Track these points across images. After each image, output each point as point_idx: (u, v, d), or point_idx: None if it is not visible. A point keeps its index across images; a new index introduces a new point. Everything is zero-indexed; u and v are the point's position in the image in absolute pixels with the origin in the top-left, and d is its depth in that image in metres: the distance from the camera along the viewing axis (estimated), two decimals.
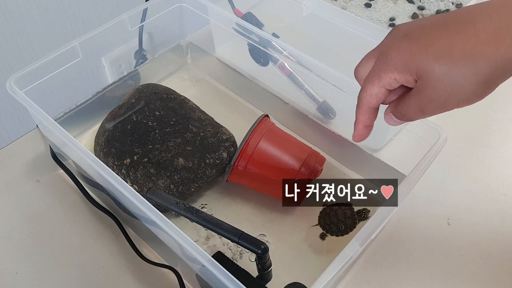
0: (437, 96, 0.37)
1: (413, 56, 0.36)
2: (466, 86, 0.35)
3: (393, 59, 0.38)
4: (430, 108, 0.38)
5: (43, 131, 0.69)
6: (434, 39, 0.36)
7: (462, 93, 0.36)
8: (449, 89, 0.36)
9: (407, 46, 0.37)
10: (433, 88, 0.36)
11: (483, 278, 0.58)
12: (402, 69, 0.37)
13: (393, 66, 0.38)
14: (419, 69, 0.36)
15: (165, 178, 0.60)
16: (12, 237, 0.62)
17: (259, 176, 0.60)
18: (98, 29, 0.64)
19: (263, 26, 0.74)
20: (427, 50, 0.36)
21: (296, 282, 0.49)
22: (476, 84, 0.35)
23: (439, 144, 0.54)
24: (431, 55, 0.36)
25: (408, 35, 0.38)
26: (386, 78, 0.39)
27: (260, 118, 0.62)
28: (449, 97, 0.36)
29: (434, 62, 0.35)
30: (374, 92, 0.40)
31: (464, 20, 0.36)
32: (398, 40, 0.38)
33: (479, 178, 0.68)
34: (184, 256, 0.50)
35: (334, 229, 0.59)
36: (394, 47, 0.38)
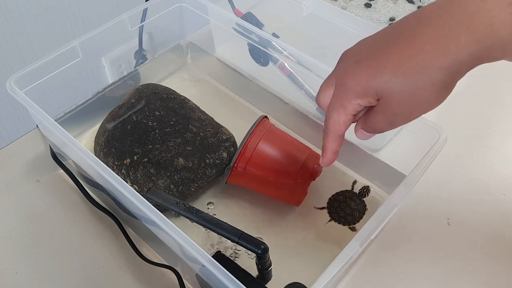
0: (401, 110, 0.38)
1: (369, 81, 0.38)
2: (426, 96, 0.37)
3: (352, 87, 0.39)
4: (397, 121, 0.40)
5: (43, 131, 0.69)
6: (384, 60, 0.37)
7: (424, 102, 0.38)
8: (411, 102, 0.37)
9: (361, 72, 0.38)
10: (396, 104, 0.38)
11: (483, 278, 0.58)
12: (363, 94, 0.39)
13: (353, 94, 0.39)
14: (379, 91, 0.38)
15: (165, 178, 0.60)
16: (12, 237, 0.62)
17: (258, 177, 0.60)
18: (98, 29, 0.64)
19: (263, 26, 0.74)
20: (381, 72, 0.37)
21: (296, 282, 0.49)
22: (435, 93, 0.37)
23: (439, 144, 0.54)
24: (386, 76, 0.37)
25: (358, 61, 0.39)
26: (350, 105, 0.40)
27: (259, 119, 0.62)
28: (412, 108, 0.38)
29: (390, 82, 0.37)
30: (342, 120, 0.42)
31: (409, 34, 0.37)
32: (351, 67, 0.39)
33: (479, 178, 0.68)
34: (184, 256, 0.50)
35: (350, 219, 0.60)
36: (349, 76, 0.39)
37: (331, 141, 0.44)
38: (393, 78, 0.37)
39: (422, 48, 0.36)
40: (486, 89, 0.81)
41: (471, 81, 0.81)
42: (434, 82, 0.36)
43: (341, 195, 0.61)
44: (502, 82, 0.81)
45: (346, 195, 0.61)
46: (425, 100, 0.37)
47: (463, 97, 0.79)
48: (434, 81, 0.36)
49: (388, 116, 0.39)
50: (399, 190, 0.50)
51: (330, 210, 0.61)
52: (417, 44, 0.36)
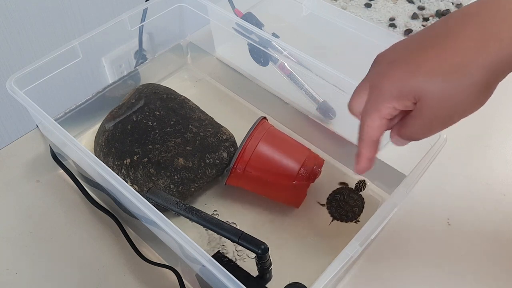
0: (440, 113, 0.36)
1: (406, 82, 0.36)
2: (466, 98, 0.35)
3: (387, 88, 0.37)
4: (437, 125, 0.38)
5: (43, 131, 0.69)
6: (422, 60, 0.35)
7: (464, 104, 0.36)
8: (450, 104, 0.35)
9: (397, 73, 0.36)
10: (434, 107, 0.36)
11: (483, 278, 0.58)
12: (399, 96, 0.37)
13: (389, 96, 0.37)
14: (416, 93, 0.36)
15: (165, 178, 0.60)
16: (12, 237, 0.62)
17: (258, 179, 0.60)
18: (98, 29, 0.64)
19: (263, 26, 0.74)
20: (418, 72, 0.35)
21: (296, 282, 0.49)
22: (475, 93, 0.35)
23: (439, 144, 0.54)
24: (424, 77, 0.35)
25: (394, 61, 0.37)
26: (385, 109, 0.38)
27: (258, 120, 0.62)
28: (452, 111, 0.36)
29: (428, 83, 0.35)
30: (376, 125, 0.40)
31: (445, 33, 0.35)
32: (385, 68, 0.37)
33: (479, 178, 0.68)
34: (184, 256, 0.50)
35: (351, 215, 0.61)
36: (384, 77, 0.37)
37: (365, 147, 0.42)
38: (431, 79, 0.35)
39: (461, 47, 0.34)
40: None
41: None
42: (474, 82, 0.34)
43: (338, 193, 0.61)
44: (502, 82, 0.81)
45: (344, 193, 0.61)
46: (465, 102, 0.35)
47: None
48: (474, 81, 0.34)
49: (426, 120, 0.37)
50: (399, 190, 0.50)
51: (331, 210, 0.61)
52: (457, 43, 0.34)
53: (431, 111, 0.36)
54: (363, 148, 0.42)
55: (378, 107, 0.38)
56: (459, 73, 0.34)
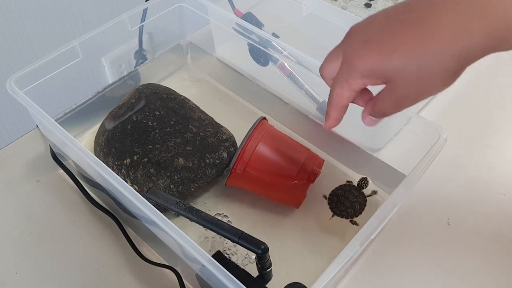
0: (411, 92, 0.38)
1: (378, 63, 0.37)
2: (435, 81, 0.37)
3: (359, 66, 0.39)
4: (405, 103, 0.40)
5: (43, 131, 0.69)
6: (397, 43, 0.37)
7: (433, 87, 0.38)
8: (420, 86, 0.38)
9: (370, 53, 0.38)
10: (405, 88, 0.38)
11: (483, 278, 0.58)
12: (370, 75, 0.39)
13: (360, 73, 0.39)
14: (387, 74, 0.38)
15: (165, 178, 0.60)
16: (12, 237, 0.62)
17: (257, 180, 0.60)
18: (98, 29, 0.64)
19: (263, 26, 0.74)
20: (391, 56, 0.37)
21: (296, 282, 0.49)
22: (445, 78, 0.37)
23: (439, 144, 0.54)
24: (398, 61, 0.37)
25: (369, 41, 0.38)
26: (355, 84, 0.40)
27: (258, 121, 0.62)
28: (421, 92, 0.38)
29: (402, 67, 0.37)
30: (345, 96, 0.42)
31: (422, 18, 0.36)
32: (360, 46, 0.39)
33: (479, 178, 0.68)
34: (184, 256, 0.50)
35: (351, 212, 0.61)
36: (357, 55, 0.39)
37: (333, 111, 0.45)
38: (405, 63, 0.36)
39: (435, 35, 0.35)
40: (486, 89, 0.81)
41: (471, 81, 0.81)
42: (445, 68, 0.36)
43: (340, 189, 0.62)
44: (502, 82, 0.81)
45: (345, 189, 0.61)
46: (434, 84, 0.38)
47: (463, 97, 0.79)
48: (445, 68, 0.36)
49: (397, 98, 0.39)
50: (399, 190, 0.50)
51: (331, 205, 0.61)
52: (431, 31, 0.35)
53: (402, 91, 0.38)
54: (332, 111, 0.45)
55: (349, 81, 0.40)
56: (433, 60, 0.36)
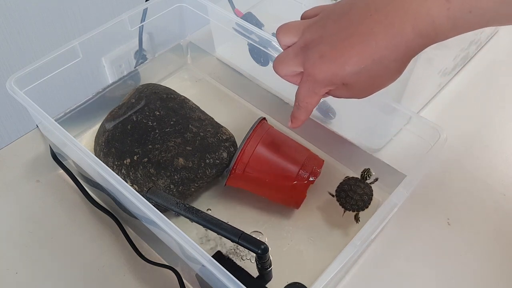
0: (363, 91, 0.46)
1: (335, 75, 0.44)
2: (383, 80, 0.44)
3: (321, 79, 0.45)
4: (361, 96, 0.46)
5: (43, 131, 0.69)
6: (346, 57, 0.43)
7: (382, 84, 0.45)
8: (371, 85, 0.45)
9: (326, 67, 0.44)
10: (360, 87, 0.45)
11: (483, 278, 0.58)
12: (330, 84, 0.45)
13: (322, 84, 0.45)
14: (345, 81, 0.44)
15: (165, 178, 0.60)
16: (12, 237, 0.62)
17: (257, 180, 0.60)
18: (98, 29, 0.64)
19: (263, 26, 0.74)
20: (344, 68, 0.43)
21: (296, 282, 0.49)
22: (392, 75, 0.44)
23: (439, 144, 0.54)
24: (350, 71, 0.43)
25: (323, 56, 0.44)
26: (321, 91, 0.47)
27: (257, 121, 0.62)
28: (372, 89, 0.45)
29: (355, 75, 0.43)
30: (315, 102, 0.49)
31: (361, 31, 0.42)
32: (317, 62, 0.45)
33: (479, 178, 0.68)
34: (184, 256, 0.50)
35: (361, 204, 0.60)
36: (317, 70, 0.45)
37: (303, 114, 0.50)
38: (357, 72, 0.43)
39: (377, 47, 0.41)
40: (486, 89, 0.81)
41: (471, 81, 0.81)
42: (390, 70, 0.43)
43: (345, 184, 0.61)
44: (502, 82, 0.81)
45: (350, 183, 0.61)
46: (382, 83, 0.45)
47: (463, 97, 0.79)
48: (390, 70, 0.43)
49: (354, 94, 0.46)
50: (399, 190, 0.50)
51: (341, 201, 0.61)
52: (374, 43, 0.41)
53: (357, 90, 0.45)
54: (302, 116, 0.51)
55: (315, 91, 0.47)
56: (378, 67, 0.42)
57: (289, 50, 0.49)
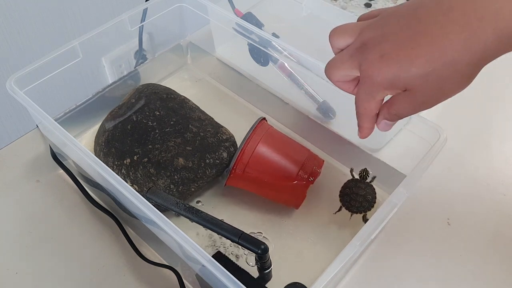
0: (429, 99, 0.40)
1: (398, 76, 0.39)
2: (453, 87, 0.40)
3: (380, 81, 0.40)
4: (423, 108, 0.42)
5: (43, 131, 0.69)
6: (413, 57, 0.38)
7: (450, 92, 0.40)
8: (438, 92, 0.40)
9: (388, 68, 0.39)
10: (424, 95, 0.40)
11: (483, 278, 0.58)
12: (391, 87, 0.41)
13: (382, 87, 0.41)
14: (407, 83, 0.39)
15: (165, 178, 0.60)
16: (12, 237, 0.62)
17: (257, 180, 0.60)
18: (98, 29, 0.64)
19: (263, 26, 0.74)
20: (410, 69, 0.38)
21: (296, 282, 0.49)
22: (461, 83, 0.39)
23: (439, 144, 0.54)
24: (416, 73, 0.38)
25: (384, 56, 0.40)
26: (379, 95, 0.42)
27: (257, 121, 0.62)
28: (439, 97, 0.40)
29: (419, 78, 0.38)
30: (373, 107, 0.44)
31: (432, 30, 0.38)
32: (376, 61, 0.40)
33: (479, 178, 0.68)
34: (184, 256, 0.50)
35: (367, 205, 0.60)
36: (376, 70, 0.40)
37: (366, 122, 0.46)
38: (422, 76, 0.38)
39: (450, 48, 0.37)
40: (486, 89, 0.81)
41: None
42: (462, 76, 0.38)
43: (347, 187, 0.61)
44: (502, 82, 0.81)
45: (351, 185, 0.61)
46: (451, 90, 0.40)
47: (463, 97, 0.79)
48: (462, 75, 0.38)
49: (415, 104, 0.41)
50: (399, 190, 0.50)
51: (346, 205, 0.60)
52: (446, 43, 0.37)
53: (422, 98, 0.40)
54: (365, 123, 0.46)
55: (373, 95, 0.42)
56: (449, 70, 0.38)
57: (344, 52, 0.44)
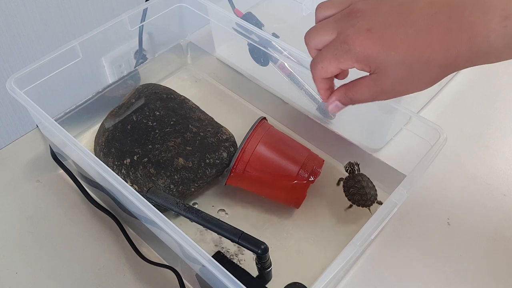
0: (391, 90, 0.41)
1: (376, 55, 0.40)
2: (418, 85, 0.41)
3: (356, 52, 0.40)
4: (382, 97, 0.42)
5: (43, 131, 0.69)
6: (396, 42, 0.39)
7: (413, 89, 0.41)
8: (403, 85, 0.41)
9: (370, 42, 0.40)
10: (390, 83, 0.41)
11: (483, 278, 0.58)
12: (363, 62, 0.40)
13: (354, 58, 0.40)
14: (379, 67, 0.40)
15: (165, 178, 0.60)
16: (12, 237, 0.62)
17: (257, 180, 0.60)
18: (98, 29, 0.64)
19: (263, 26, 0.74)
20: (389, 52, 0.39)
21: (296, 282, 0.49)
22: (427, 84, 0.41)
23: (439, 144, 0.54)
24: (392, 59, 0.39)
25: (371, 30, 0.40)
26: (345, 64, 0.42)
27: (258, 121, 0.62)
28: (401, 91, 0.41)
29: (394, 65, 0.39)
30: (330, 70, 0.43)
31: (420, 24, 0.39)
32: (362, 32, 0.40)
33: (479, 178, 0.68)
34: (184, 256, 0.50)
35: (373, 192, 0.60)
36: (358, 41, 0.40)
37: (318, 82, 0.46)
38: (398, 63, 0.39)
39: (430, 45, 0.38)
40: (486, 89, 0.81)
41: (471, 81, 0.81)
42: (431, 76, 0.40)
43: (351, 187, 0.60)
44: (502, 82, 0.81)
45: (352, 183, 0.60)
46: (415, 87, 0.41)
47: (463, 97, 0.79)
48: (431, 75, 0.40)
49: (375, 91, 0.42)
50: (399, 190, 0.50)
51: (361, 203, 0.60)
52: (428, 40, 0.38)
53: (387, 86, 0.41)
54: (318, 83, 0.46)
55: (340, 59, 0.41)
56: (424, 67, 0.39)
57: (329, 18, 0.44)
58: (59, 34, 1.08)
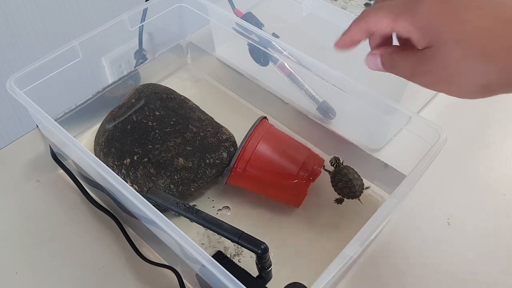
0: (437, 77, 0.35)
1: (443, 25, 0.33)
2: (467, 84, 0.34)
3: (420, 13, 0.34)
4: (421, 81, 0.36)
5: (43, 131, 0.69)
6: (472, 21, 0.32)
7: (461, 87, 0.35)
8: (452, 78, 0.34)
9: (440, 13, 0.33)
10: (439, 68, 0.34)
11: (483, 278, 0.58)
12: (422, 30, 0.34)
13: (415, 21, 0.34)
14: (439, 43, 0.33)
15: (165, 178, 0.60)
16: (12, 237, 0.62)
17: (258, 179, 0.60)
18: (98, 29, 0.64)
19: (263, 26, 0.74)
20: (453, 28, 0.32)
21: (296, 282, 0.49)
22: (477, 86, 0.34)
23: (439, 144, 0.54)
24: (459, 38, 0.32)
25: (445, 3, 0.33)
26: (400, 25, 0.35)
27: (258, 120, 0.62)
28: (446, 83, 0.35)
29: (457, 45, 0.32)
30: (379, 25, 0.36)
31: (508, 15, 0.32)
32: (434, 3, 0.33)
33: (479, 178, 0.68)
34: (184, 256, 0.50)
35: (360, 182, 0.60)
36: (426, 7, 0.33)
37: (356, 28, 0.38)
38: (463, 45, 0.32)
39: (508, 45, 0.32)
40: None
41: None
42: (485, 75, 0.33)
43: (338, 181, 0.60)
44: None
45: (340, 178, 0.61)
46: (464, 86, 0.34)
47: None
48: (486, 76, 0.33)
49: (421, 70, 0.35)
50: (399, 190, 0.50)
51: (346, 195, 0.60)
52: (507, 32, 0.32)
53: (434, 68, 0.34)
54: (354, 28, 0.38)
55: (397, 17, 0.35)
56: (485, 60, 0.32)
57: None
58: (59, 34, 1.08)
